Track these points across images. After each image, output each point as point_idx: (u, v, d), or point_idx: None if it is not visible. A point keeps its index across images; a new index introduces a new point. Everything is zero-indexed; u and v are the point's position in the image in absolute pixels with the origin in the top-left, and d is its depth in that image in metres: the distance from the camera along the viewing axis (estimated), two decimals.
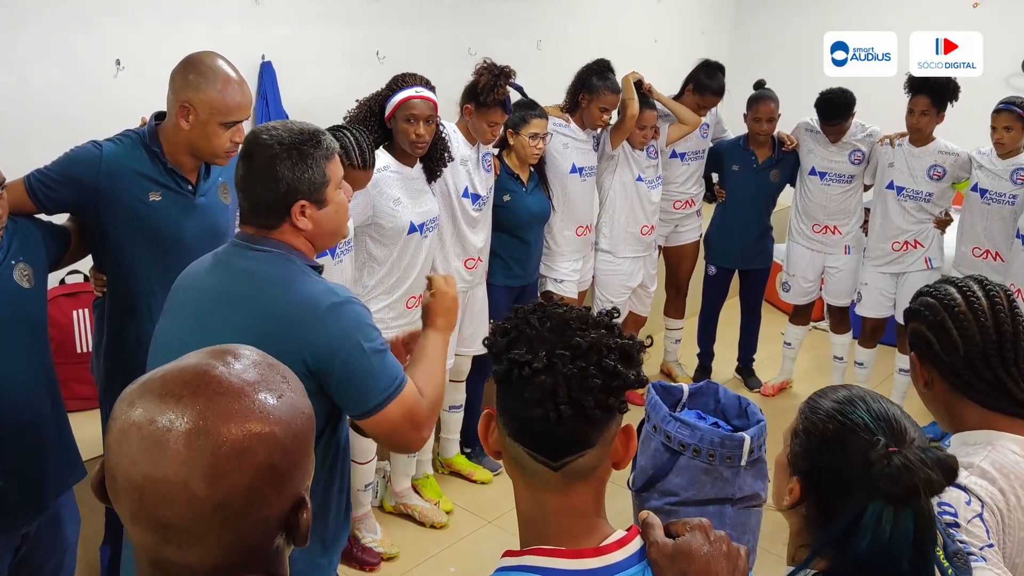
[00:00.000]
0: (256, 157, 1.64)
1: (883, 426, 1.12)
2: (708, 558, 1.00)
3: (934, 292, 1.49)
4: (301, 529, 0.85)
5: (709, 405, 2.96)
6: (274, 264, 1.65)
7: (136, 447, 0.79)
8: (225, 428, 0.79)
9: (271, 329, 1.57)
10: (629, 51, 4.83)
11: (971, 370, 1.43)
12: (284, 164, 1.62)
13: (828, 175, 4.21)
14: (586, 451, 1.01)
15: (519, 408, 1.00)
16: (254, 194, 1.65)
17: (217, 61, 2.22)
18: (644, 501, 2.74)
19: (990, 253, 3.88)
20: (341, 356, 1.60)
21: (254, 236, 1.68)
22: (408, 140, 2.97)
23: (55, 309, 2.94)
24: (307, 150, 1.65)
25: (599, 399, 0.98)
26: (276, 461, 0.81)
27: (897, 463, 1.06)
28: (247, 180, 1.66)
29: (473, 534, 3.36)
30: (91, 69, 3.09)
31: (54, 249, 2.18)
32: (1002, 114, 3.75)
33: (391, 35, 4.06)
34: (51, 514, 2.12)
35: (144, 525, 0.80)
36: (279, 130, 1.66)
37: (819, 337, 5.09)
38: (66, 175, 2.19)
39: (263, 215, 1.66)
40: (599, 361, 0.99)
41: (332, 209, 1.70)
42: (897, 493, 1.05)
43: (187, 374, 0.82)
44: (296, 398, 0.86)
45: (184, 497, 0.77)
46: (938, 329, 1.45)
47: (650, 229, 4.19)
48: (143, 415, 0.79)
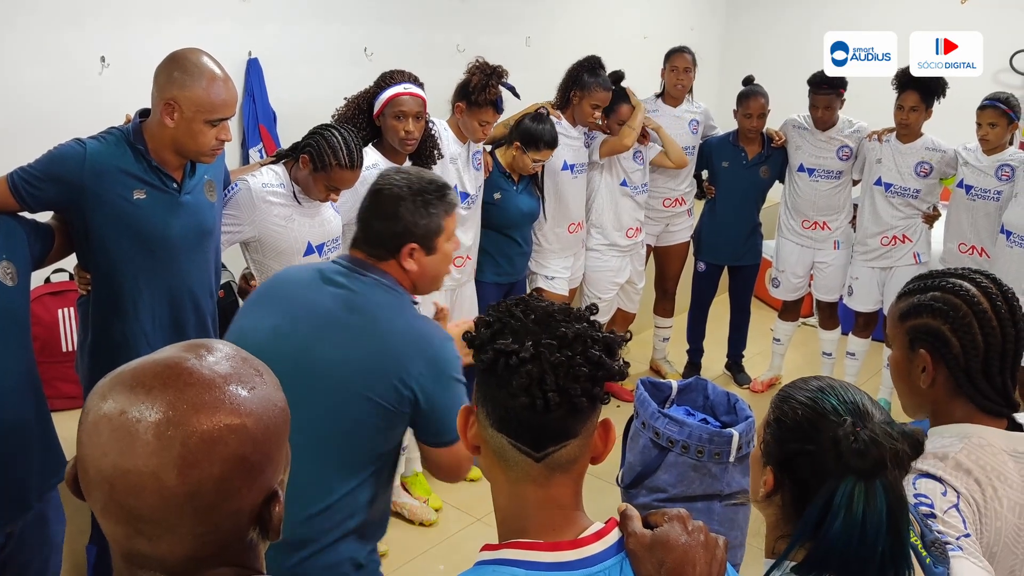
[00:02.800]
0: (384, 193, 1.76)
1: (851, 408, 1.13)
2: (686, 548, 1.01)
3: (953, 288, 1.41)
4: (273, 522, 0.84)
5: (698, 401, 2.97)
6: (386, 292, 1.75)
7: (107, 438, 0.79)
8: (195, 419, 0.79)
9: (380, 355, 1.68)
10: (619, 48, 4.83)
11: (984, 373, 1.39)
12: (406, 206, 1.74)
13: (817, 171, 4.22)
14: (569, 442, 1.02)
15: (504, 397, 1.00)
16: (371, 225, 1.78)
17: (202, 58, 2.21)
18: (632, 498, 2.74)
19: (975, 249, 3.89)
20: (439, 388, 1.70)
21: (364, 262, 1.77)
22: (397, 137, 2.97)
23: (40, 308, 2.92)
24: (431, 199, 1.77)
25: (585, 388, 0.99)
26: (247, 453, 0.81)
27: (864, 437, 1.08)
28: (369, 211, 1.78)
29: (462, 531, 3.36)
30: (76, 66, 3.07)
31: (37, 247, 2.17)
32: (987, 110, 3.76)
33: (379, 32, 4.05)
34: (36, 514, 2.11)
35: (115, 517, 0.80)
36: (411, 175, 1.80)
37: (808, 333, 5.11)
38: (50, 173, 2.17)
39: (375, 245, 1.77)
40: (585, 351, 1.00)
41: (438, 258, 1.81)
42: (865, 467, 1.07)
43: (158, 366, 0.82)
44: (269, 391, 0.86)
45: (154, 488, 0.77)
46: (963, 330, 1.38)
47: (636, 231, 4.20)
48: (114, 406, 0.79)
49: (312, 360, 1.68)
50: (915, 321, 1.43)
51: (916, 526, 1.16)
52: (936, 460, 1.34)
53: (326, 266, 1.81)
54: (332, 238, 2.81)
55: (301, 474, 1.65)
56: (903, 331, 1.46)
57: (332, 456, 1.70)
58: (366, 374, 1.68)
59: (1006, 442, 1.38)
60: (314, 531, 1.70)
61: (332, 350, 1.69)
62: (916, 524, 1.17)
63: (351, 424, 1.69)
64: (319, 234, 2.75)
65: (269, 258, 2.70)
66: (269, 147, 3.58)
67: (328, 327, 1.71)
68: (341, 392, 1.68)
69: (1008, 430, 1.41)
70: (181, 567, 0.81)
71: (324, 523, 1.71)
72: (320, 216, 2.76)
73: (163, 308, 2.33)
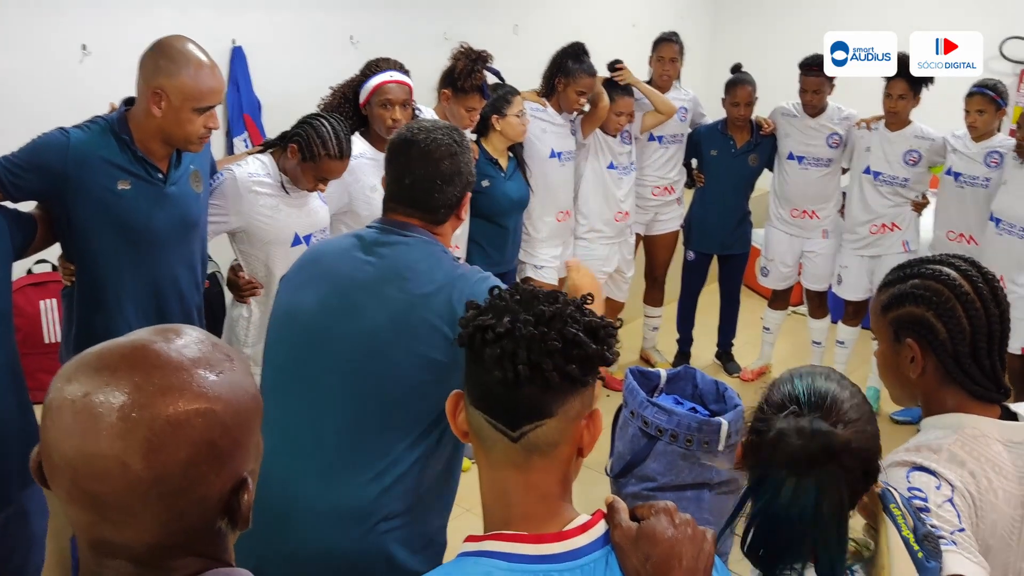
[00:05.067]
0: (439, 155, 1.71)
1: (813, 399, 1.18)
2: (672, 541, 0.99)
3: (933, 274, 1.40)
4: (242, 511, 0.83)
5: (687, 390, 2.96)
6: (424, 247, 1.72)
7: (70, 421, 0.77)
8: (162, 402, 0.77)
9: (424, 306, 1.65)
10: (607, 35, 4.80)
11: (973, 357, 1.37)
12: (462, 160, 1.74)
13: (806, 159, 4.21)
14: (544, 420, 1.01)
15: (480, 372, 1.02)
16: (438, 191, 1.72)
17: (188, 45, 2.18)
18: (622, 487, 2.73)
19: (964, 237, 3.88)
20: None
21: (405, 224, 1.74)
22: (384, 125, 2.94)
23: (22, 299, 2.89)
24: (465, 142, 1.77)
25: (557, 364, 0.98)
26: (215, 438, 0.79)
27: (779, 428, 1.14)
28: (429, 178, 1.71)
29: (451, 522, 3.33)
30: (56, 55, 3.03)
31: (19, 237, 2.14)
32: (974, 97, 3.75)
33: (365, 20, 4.01)
34: (17, 507, 2.08)
35: (79, 503, 0.78)
36: (437, 126, 1.77)
37: (798, 322, 5.11)
38: (32, 162, 2.14)
39: (439, 210, 1.74)
40: (561, 328, 1.00)
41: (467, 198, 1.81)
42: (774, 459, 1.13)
43: (124, 348, 0.81)
44: (239, 377, 0.84)
45: (119, 472, 0.76)
46: (948, 315, 1.36)
47: (624, 215, 4.18)
48: (78, 389, 0.78)
49: (362, 329, 1.67)
50: (898, 311, 1.41)
51: (909, 520, 1.15)
52: (930, 452, 1.32)
53: (365, 232, 1.79)
54: (320, 228, 2.78)
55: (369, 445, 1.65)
56: (887, 323, 1.44)
57: (398, 423, 1.66)
58: (406, 326, 1.65)
59: (1000, 432, 1.37)
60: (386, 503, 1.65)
61: (377, 314, 1.67)
62: (909, 518, 1.16)
63: (406, 387, 1.65)
64: (306, 224, 2.72)
65: (256, 248, 2.67)
66: (254, 136, 3.55)
67: (367, 292, 1.69)
68: (388, 355, 1.65)
69: (1001, 419, 1.39)
70: (147, 555, 0.79)
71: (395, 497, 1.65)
72: (308, 206, 2.73)
73: (148, 300, 2.31)
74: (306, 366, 1.70)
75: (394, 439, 1.66)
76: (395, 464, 1.65)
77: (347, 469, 1.64)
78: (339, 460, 1.66)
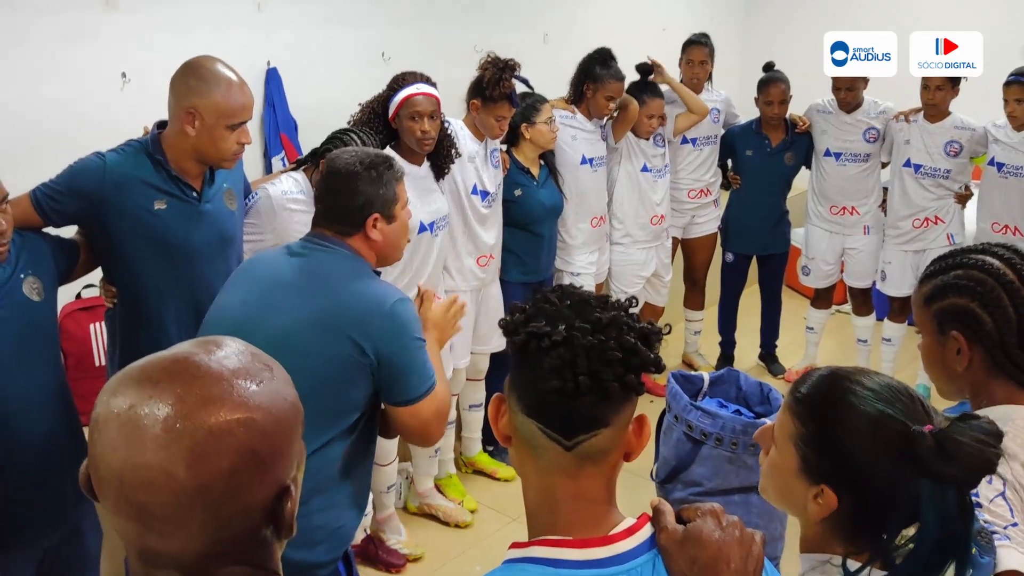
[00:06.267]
0: (341, 171, 1.89)
1: (900, 408, 1.05)
2: (720, 544, 0.98)
3: (976, 263, 1.37)
4: (286, 519, 0.83)
5: (731, 393, 2.92)
6: (345, 260, 1.87)
7: (115, 433, 0.78)
8: (204, 412, 0.78)
9: (334, 312, 1.80)
10: (638, 40, 4.78)
11: (1021, 347, 1.34)
12: (364, 180, 1.88)
13: (843, 155, 4.15)
14: (600, 430, 0.99)
15: (536, 380, 0.98)
16: (335, 203, 1.90)
17: (216, 64, 2.23)
18: (668, 493, 2.70)
19: (1010, 228, 3.80)
20: (398, 347, 1.81)
21: (327, 236, 1.90)
22: (414, 138, 2.96)
23: (72, 323, 2.95)
24: (383, 170, 1.90)
25: (617, 372, 0.97)
26: (257, 446, 0.80)
27: (948, 442, 1.00)
28: (329, 189, 1.91)
29: (498, 532, 3.34)
30: (96, 82, 3.10)
31: (63, 262, 2.19)
32: (1012, 86, 3.67)
33: (396, 35, 4.05)
34: (72, 527, 2.12)
35: (126, 514, 0.79)
36: (359, 153, 1.94)
37: (842, 320, 5.03)
38: (71, 187, 2.20)
39: (341, 221, 1.89)
40: (619, 336, 0.98)
41: (398, 225, 1.95)
42: (953, 474, 0.99)
43: (166, 361, 0.82)
44: (279, 386, 0.85)
45: (163, 482, 0.77)
46: (993, 305, 1.33)
47: (660, 218, 4.14)
48: (123, 402, 0.79)
49: (275, 324, 1.78)
50: (942, 303, 1.38)
51: None
52: None
53: (293, 243, 1.96)
54: None
55: None
56: (930, 315, 1.40)
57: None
58: (323, 330, 1.78)
59: None
60: None
61: (290, 311, 1.80)
62: None
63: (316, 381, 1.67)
64: None
65: None
66: (291, 155, 3.59)
67: (286, 291, 1.84)
68: (302, 350, 1.72)
69: None
70: (194, 565, 0.80)
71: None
72: None
73: (189, 317, 2.34)
74: None
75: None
76: None
77: None
78: None
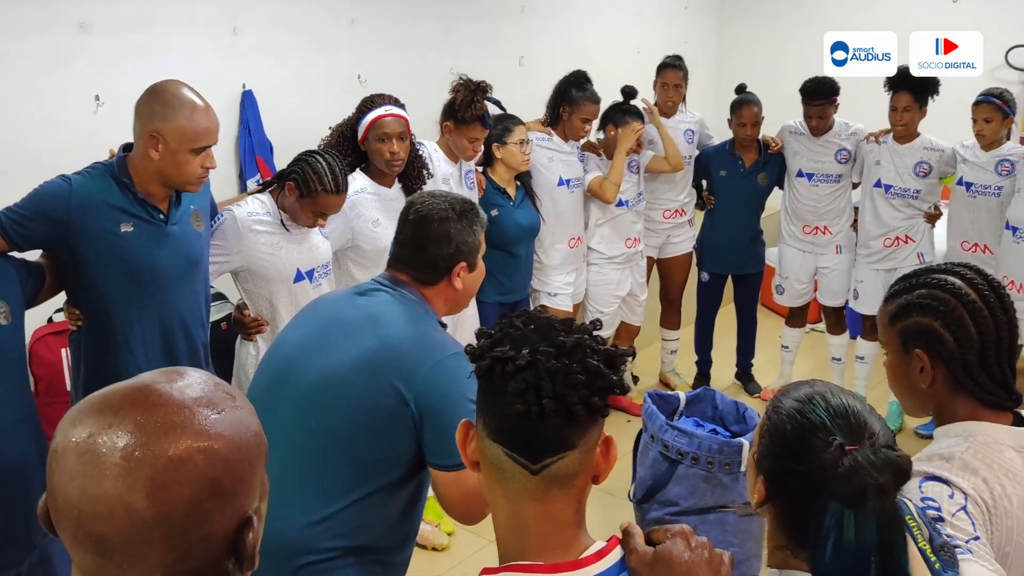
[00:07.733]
0: (432, 217, 1.80)
1: (841, 423, 1.09)
2: (689, 565, 0.99)
3: (938, 283, 1.39)
4: (248, 550, 0.82)
5: (707, 412, 2.94)
6: (408, 304, 1.78)
7: (74, 463, 0.77)
8: (164, 440, 0.77)
9: (379, 354, 1.69)
10: (612, 63, 4.84)
11: (983, 365, 1.36)
12: (456, 227, 1.80)
13: (816, 176, 4.20)
14: (566, 453, 0.99)
15: (501, 405, 0.99)
16: (423, 249, 1.80)
17: (181, 88, 2.23)
18: (645, 512, 2.71)
19: (979, 246, 3.86)
20: (445, 404, 1.65)
21: (405, 283, 1.81)
22: (383, 159, 2.98)
23: (43, 348, 2.92)
24: (472, 217, 1.83)
25: (582, 395, 0.97)
26: (218, 475, 0.79)
27: (847, 464, 1.04)
28: (418, 236, 1.81)
29: (475, 555, 3.32)
30: (70, 106, 3.09)
31: (30, 285, 2.17)
32: (981, 106, 3.75)
33: (372, 59, 4.07)
34: (41, 553, 2.09)
35: (84, 546, 0.78)
36: (447, 197, 1.86)
37: (817, 339, 5.07)
38: (37, 211, 2.18)
39: (426, 269, 1.81)
40: (583, 359, 0.98)
41: (476, 274, 1.88)
42: (848, 495, 1.03)
43: (127, 389, 0.81)
44: (242, 415, 0.85)
45: (122, 512, 0.75)
46: (956, 324, 1.35)
47: (634, 241, 4.18)
48: (82, 431, 0.78)
49: (323, 364, 1.72)
50: (906, 322, 1.41)
51: (924, 530, 1.14)
52: (942, 461, 1.31)
53: (365, 283, 1.88)
54: (322, 263, 2.81)
55: (309, 479, 1.68)
56: (895, 334, 1.43)
57: (339, 462, 1.68)
58: (367, 373, 1.68)
59: (1013, 438, 1.35)
60: (313, 539, 1.67)
61: (340, 352, 1.72)
62: (924, 528, 1.14)
63: (354, 425, 1.67)
64: (307, 260, 2.75)
65: (259, 286, 2.71)
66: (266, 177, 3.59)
67: (341, 331, 1.76)
68: (344, 392, 1.68)
69: (1014, 425, 1.38)
70: None
71: (323, 533, 1.67)
72: (308, 242, 2.77)
73: (155, 339, 2.33)
74: (272, 395, 1.74)
75: (336, 477, 1.68)
76: (331, 501, 1.67)
77: (283, 506, 1.49)
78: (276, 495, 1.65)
